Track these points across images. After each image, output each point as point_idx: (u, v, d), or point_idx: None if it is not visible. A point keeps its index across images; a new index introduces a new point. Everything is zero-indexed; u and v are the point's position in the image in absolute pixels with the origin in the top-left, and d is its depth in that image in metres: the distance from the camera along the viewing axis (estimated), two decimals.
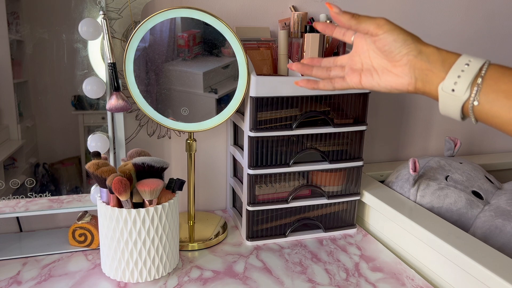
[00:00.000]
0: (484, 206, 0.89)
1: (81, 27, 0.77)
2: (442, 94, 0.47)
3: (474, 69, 0.45)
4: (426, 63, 0.49)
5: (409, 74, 0.50)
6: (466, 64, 0.46)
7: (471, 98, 0.45)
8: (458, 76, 0.45)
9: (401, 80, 0.51)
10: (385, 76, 0.53)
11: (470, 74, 0.45)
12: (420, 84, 0.50)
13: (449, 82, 0.46)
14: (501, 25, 1.21)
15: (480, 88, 0.44)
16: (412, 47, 0.50)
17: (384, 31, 0.51)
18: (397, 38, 0.50)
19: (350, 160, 0.91)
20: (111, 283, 0.74)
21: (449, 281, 0.75)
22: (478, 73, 0.45)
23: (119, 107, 0.79)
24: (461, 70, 0.45)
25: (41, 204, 0.84)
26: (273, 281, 0.76)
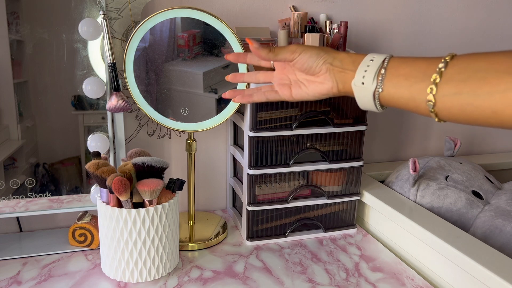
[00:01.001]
0: (484, 206, 0.89)
1: (81, 27, 0.77)
2: (355, 88, 0.54)
3: (377, 63, 0.52)
4: (341, 66, 0.56)
5: (330, 79, 0.57)
6: (370, 60, 0.53)
7: (377, 87, 0.52)
8: (365, 70, 0.53)
9: (325, 86, 0.58)
10: (312, 85, 0.60)
11: (374, 67, 0.52)
12: (340, 86, 0.57)
13: (359, 77, 0.53)
14: (502, 21, 1.21)
15: (384, 77, 0.51)
16: (326, 56, 0.57)
17: (298, 54, 0.59)
18: (310, 54, 0.58)
19: (350, 160, 0.91)
20: (111, 283, 0.74)
21: (449, 281, 0.75)
22: (381, 65, 0.52)
23: (119, 107, 0.79)
24: (367, 65, 0.53)
25: (41, 204, 0.84)
26: (273, 281, 0.76)
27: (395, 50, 1.12)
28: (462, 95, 0.45)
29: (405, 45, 1.13)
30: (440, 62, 0.47)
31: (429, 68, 0.48)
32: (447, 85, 0.46)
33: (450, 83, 0.46)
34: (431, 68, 0.48)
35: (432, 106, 0.47)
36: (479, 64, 0.45)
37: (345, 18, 1.04)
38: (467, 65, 0.46)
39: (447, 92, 0.46)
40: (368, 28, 1.08)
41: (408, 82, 0.50)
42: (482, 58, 0.45)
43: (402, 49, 1.13)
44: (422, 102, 0.49)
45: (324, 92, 0.59)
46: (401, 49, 1.13)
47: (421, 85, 0.48)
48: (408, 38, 1.12)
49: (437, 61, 0.48)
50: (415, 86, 0.49)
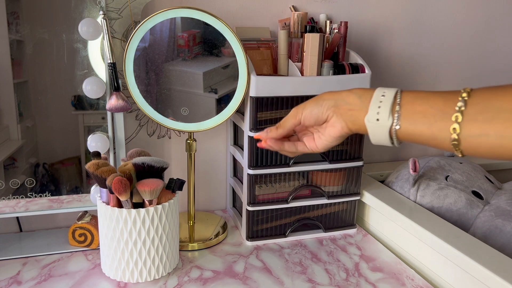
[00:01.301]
0: (484, 206, 0.89)
1: (81, 27, 0.77)
2: (369, 125, 0.53)
3: (389, 98, 0.51)
4: (346, 105, 0.56)
5: (339, 121, 0.57)
6: (382, 96, 0.52)
7: (394, 123, 0.51)
8: (378, 107, 0.52)
9: (336, 128, 0.57)
10: (326, 131, 0.59)
11: (388, 103, 0.51)
12: (350, 125, 0.56)
13: (373, 114, 0.52)
14: (502, 21, 1.21)
15: (400, 114, 0.50)
16: (326, 102, 0.57)
17: (300, 114, 0.60)
18: (311, 108, 0.59)
19: (350, 160, 0.91)
20: (111, 283, 0.74)
21: (449, 281, 0.75)
22: (394, 100, 0.51)
23: (119, 107, 0.79)
24: (379, 101, 0.52)
25: (41, 204, 0.84)
26: (273, 281, 0.76)
27: (395, 50, 1.12)
28: (489, 137, 0.44)
29: (405, 45, 1.13)
30: (457, 100, 0.46)
31: (447, 105, 0.47)
32: (471, 126, 0.45)
33: (473, 123, 0.45)
34: (449, 106, 0.47)
35: (457, 145, 0.46)
36: (500, 104, 0.44)
37: (345, 18, 1.04)
38: (488, 104, 0.45)
39: (472, 133, 0.45)
40: (368, 28, 1.08)
41: (427, 120, 0.48)
42: (501, 96, 0.44)
43: (402, 49, 1.13)
44: (445, 140, 0.47)
45: (337, 134, 0.58)
46: (401, 49, 1.13)
47: (441, 124, 0.47)
48: (408, 38, 1.12)
49: (454, 98, 0.47)
50: (435, 125, 0.48)
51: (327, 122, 0.58)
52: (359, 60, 0.90)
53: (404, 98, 0.51)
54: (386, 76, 1.14)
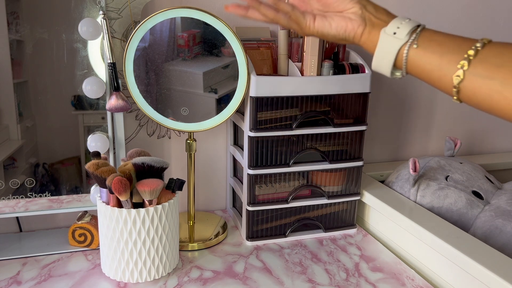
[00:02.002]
0: (484, 206, 0.89)
1: (81, 27, 0.77)
2: (384, 36, 0.51)
3: (413, 22, 0.51)
4: (374, 12, 0.54)
5: (360, 17, 0.54)
6: (407, 19, 0.51)
7: (409, 40, 0.50)
8: (400, 23, 0.51)
9: (352, 23, 0.54)
10: (337, 19, 0.55)
11: (410, 24, 0.50)
12: (367, 30, 0.53)
13: (392, 27, 0.51)
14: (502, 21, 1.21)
15: (418, 35, 0.50)
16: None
17: None
18: None
19: (350, 160, 0.91)
20: (111, 283, 0.74)
21: (449, 281, 0.75)
22: (417, 26, 0.51)
23: (119, 107, 0.79)
24: (402, 21, 0.51)
25: (41, 204, 0.84)
26: (273, 281, 0.76)
27: None
28: (493, 81, 0.44)
29: None
30: (477, 41, 0.46)
31: (465, 43, 0.47)
32: (481, 66, 0.45)
33: (484, 64, 0.44)
34: (467, 44, 0.47)
35: (459, 81, 0.46)
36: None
37: None
38: (505, 51, 0.44)
39: (479, 73, 0.44)
40: None
41: (441, 49, 0.48)
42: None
43: None
44: (448, 74, 0.47)
45: (349, 28, 0.54)
46: None
47: (453, 56, 0.47)
48: None
49: (474, 40, 0.47)
50: (447, 56, 0.47)
51: (345, 11, 0.55)
52: (359, 60, 0.90)
53: (426, 29, 0.50)
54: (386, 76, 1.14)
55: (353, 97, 0.87)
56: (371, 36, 0.53)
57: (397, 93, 1.16)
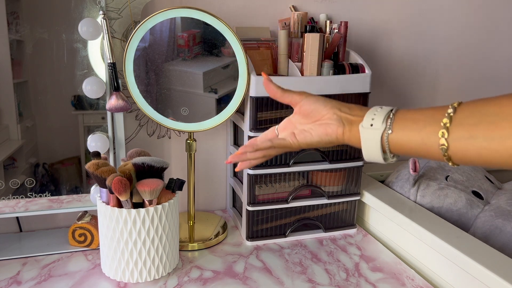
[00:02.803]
0: (484, 206, 0.89)
1: (81, 27, 0.77)
2: (363, 130, 0.54)
3: (386, 110, 0.54)
4: (349, 112, 0.57)
5: (337, 120, 0.57)
6: (379, 107, 0.55)
7: (386, 128, 0.53)
8: (374, 114, 0.54)
9: (331, 127, 0.58)
10: (316, 128, 0.60)
11: (383, 112, 0.54)
12: (347, 128, 0.57)
13: (367, 120, 0.54)
14: (502, 21, 1.21)
15: (393, 120, 0.53)
16: (333, 103, 0.59)
17: (306, 96, 0.60)
18: (317, 99, 0.60)
19: (350, 160, 0.91)
20: (111, 283, 0.74)
21: (449, 281, 0.75)
22: (390, 112, 0.54)
23: (119, 107, 0.79)
24: (376, 111, 0.55)
25: (41, 204, 0.84)
26: (273, 281, 0.76)
27: (395, 50, 1.12)
28: (476, 139, 0.45)
29: (405, 44, 1.13)
30: (447, 108, 0.48)
31: (437, 113, 0.49)
32: (459, 129, 0.46)
33: (461, 127, 0.46)
34: (439, 113, 0.48)
35: (445, 150, 0.47)
36: (487, 109, 0.45)
37: (345, 18, 1.04)
38: (476, 110, 0.46)
39: (460, 136, 0.46)
40: (368, 28, 1.08)
41: (418, 126, 0.50)
42: (489, 103, 0.45)
43: (402, 49, 1.13)
44: (433, 145, 0.49)
45: (329, 131, 0.58)
46: (401, 48, 1.13)
47: (430, 128, 0.49)
48: (408, 38, 1.12)
49: (444, 108, 0.48)
50: (425, 130, 0.49)
51: (322, 119, 0.59)
52: (359, 60, 0.90)
53: (399, 111, 0.53)
54: (386, 76, 1.14)
55: (353, 97, 0.87)
56: (353, 132, 0.56)
57: (397, 93, 1.16)
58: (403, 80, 1.16)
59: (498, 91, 1.24)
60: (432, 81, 1.19)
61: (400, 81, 1.16)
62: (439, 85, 1.20)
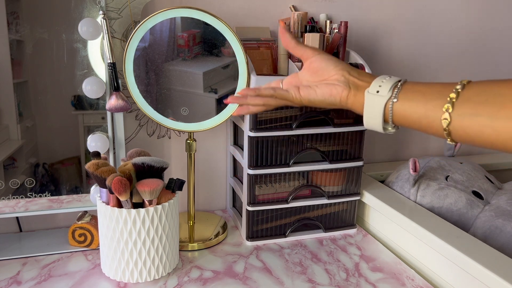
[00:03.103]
0: (485, 206, 0.89)
1: (81, 27, 0.77)
2: (368, 96, 0.54)
3: (394, 79, 0.54)
4: (357, 76, 0.57)
5: (344, 82, 0.57)
6: (388, 76, 0.55)
7: (392, 96, 0.52)
8: (382, 81, 0.54)
9: (337, 88, 0.57)
10: (322, 86, 0.59)
11: (391, 81, 0.53)
12: (352, 93, 0.56)
13: (374, 86, 0.54)
14: (502, 21, 1.21)
15: (400, 89, 0.52)
16: (344, 65, 0.58)
17: (318, 53, 0.60)
18: (329, 58, 0.59)
19: (350, 160, 0.91)
20: (111, 283, 0.74)
21: (449, 281, 0.75)
22: (398, 81, 0.53)
23: (119, 107, 0.79)
24: (384, 79, 0.54)
25: (41, 204, 0.84)
26: (273, 281, 0.76)
27: (395, 50, 1.12)
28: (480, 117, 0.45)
29: (405, 44, 1.13)
30: (457, 84, 0.48)
31: (445, 88, 0.49)
32: (465, 105, 0.46)
33: (467, 103, 0.46)
34: (448, 89, 0.48)
35: (447, 124, 0.47)
36: (497, 89, 0.45)
37: (345, 18, 1.04)
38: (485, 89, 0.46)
39: (464, 112, 0.46)
40: (368, 28, 1.08)
41: (424, 98, 0.50)
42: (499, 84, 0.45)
43: (402, 49, 1.13)
44: (436, 119, 0.49)
45: (333, 93, 0.57)
46: (401, 48, 1.13)
47: (436, 102, 0.48)
48: (408, 38, 1.12)
49: (453, 84, 0.48)
50: (430, 103, 0.49)
51: (329, 79, 0.58)
52: (359, 60, 0.90)
53: (407, 82, 0.53)
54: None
55: None
56: (357, 98, 0.56)
57: None
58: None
59: None
60: (432, 81, 1.19)
61: None
62: None
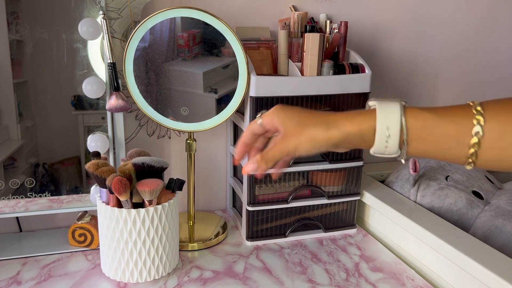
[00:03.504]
0: (485, 206, 0.89)
1: (81, 27, 0.77)
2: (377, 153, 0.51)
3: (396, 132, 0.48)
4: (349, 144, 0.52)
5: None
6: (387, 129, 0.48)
7: (401, 154, 0.49)
8: (386, 141, 0.49)
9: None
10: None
11: (395, 138, 0.48)
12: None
13: (380, 147, 0.50)
14: (502, 21, 1.21)
15: (408, 144, 0.48)
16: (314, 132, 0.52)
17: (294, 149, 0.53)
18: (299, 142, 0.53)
19: (350, 160, 0.91)
20: (111, 283, 0.74)
21: (449, 281, 0.75)
22: (401, 135, 0.47)
23: (119, 107, 0.79)
24: (386, 138, 0.48)
25: (40, 204, 0.84)
26: (273, 281, 0.76)
27: (395, 50, 1.12)
28: (505, 162, 0.45)
29: (405, 44, 1.13)
30: (471, 124, 0.45)
31: (461, 131, 0.46)
32: (488, 154, 0.45)
33: (491, 152, 0.45)
34: (464, 132, 0.45)
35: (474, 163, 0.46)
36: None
37: (345, 18, 1.04)
38: (505, 129, 0.44)
39: (489, 159, 0.45)
40: (368, 28, 1.08)
41: (440, 150, 0.47)
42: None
43: (402, 49, 1.13)
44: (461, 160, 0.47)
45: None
46: (402, 48, 1.13)
47: (456, 151, 0.46)
48: (408, 38, 1.12)
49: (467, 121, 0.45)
50: (449, 152, 0.47)
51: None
52: (359, 60, 0.90)
53: (411, 129, 0.48)
54: (386, 76, 1.14)
55: (353, 97, 0.87)
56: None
57: (397, 93, 1.16)
58: (403, 80, 1.16)
59: (498, 91, 1.24)
60: (432, 81, 1.19)
61: (400, 81, 1.16)
62: (439, 84, 1.20)
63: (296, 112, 0.54)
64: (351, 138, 0.50)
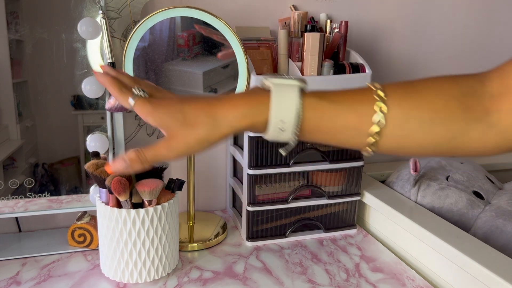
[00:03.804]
0: (485, 206, 0.89)
1: (81, 26, 0.77)
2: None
3: (291, 127, 0.45)
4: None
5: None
6: (281, 122, 0.45)
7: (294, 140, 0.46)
8: (279, 133, 0.46)
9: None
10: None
11: (290, 130, 0.45)
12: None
13: (273, 137, 0.47)
14: (502, 21, 1.20)
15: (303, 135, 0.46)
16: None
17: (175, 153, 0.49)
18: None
19: (350, 160, 0.91)
20: (111, 284, 0.74)
21: (450, 281, 0.75)
22: (296, 127, 0.45)
23: (118, 107, 0.79)
24: (279, 129, 0.46)
25: (40, 204, 0.84)
26: (273, 281, 0.76)
27: (395, 50, 1.12)
28: (404, 149, 0.44)
29: (405, 44, 1.12)
30: (373, 111, 0.43)
31: (361, 121, 0.44)
32: (388, 141, 0.44)
33: (391, 139, 0.44)
34: (364, 121, 0.44)
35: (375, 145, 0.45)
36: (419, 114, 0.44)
37: (346, 17, 1.04)
38: (408, 116, 0.44)
39: (390, 147, 0.45)
40: (368, 27, 1.08)
41: (338, 139, 0.46)
42: (418, 103, 0.44)
43: (402, 48, 1.12)
44: (360, 145, 0.46)
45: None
46: (402, 48, 1.12)
47: (356, 140, 0.46)
48: (408, 38, 1.12)
49: (367, 109, 0.43)
50: (350, 141, 0.46)
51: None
52: (359, 60, 0.90)
53: (308, 121, 0.44)
54: (386, 76, 1.14)
55: None
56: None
57: None
58: (404, 80, 1.16)
59: None
60: None
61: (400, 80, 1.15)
62: None
63: (178, 108, 0.47)
64: (244, 130, 0.47)
